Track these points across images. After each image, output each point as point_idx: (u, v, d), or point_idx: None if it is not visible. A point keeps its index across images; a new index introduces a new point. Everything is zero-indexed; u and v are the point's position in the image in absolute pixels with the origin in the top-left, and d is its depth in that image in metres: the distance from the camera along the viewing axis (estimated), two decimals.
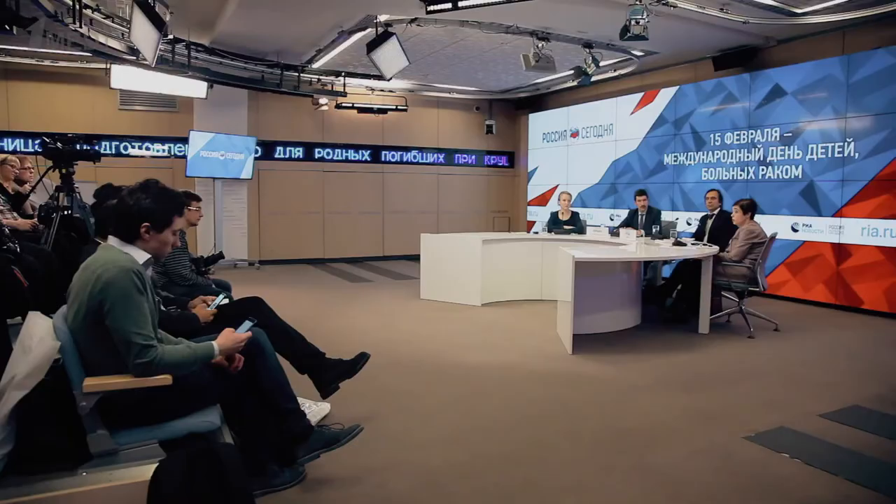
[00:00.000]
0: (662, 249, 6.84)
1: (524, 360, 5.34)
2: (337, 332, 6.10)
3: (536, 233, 9.58)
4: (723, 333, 6.35)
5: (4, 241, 3.41)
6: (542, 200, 13.21)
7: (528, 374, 4.93)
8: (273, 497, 2.80)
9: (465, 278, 7.93)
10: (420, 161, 13.80)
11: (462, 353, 5.53)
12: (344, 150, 13.01)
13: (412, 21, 8.07)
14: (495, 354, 5.52)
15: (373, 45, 8.13)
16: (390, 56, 8.26)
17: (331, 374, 3.51)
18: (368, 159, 13.28)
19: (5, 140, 10.26)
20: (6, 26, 5.40)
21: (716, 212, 7.41)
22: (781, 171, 8.46)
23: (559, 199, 9.17)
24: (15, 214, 4.76)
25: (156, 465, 2.21)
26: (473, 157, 14.37)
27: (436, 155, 13.94)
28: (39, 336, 2.24)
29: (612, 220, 11.13)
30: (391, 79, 9.18)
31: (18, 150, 10.12)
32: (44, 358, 2.21)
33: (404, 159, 13.64)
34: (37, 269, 3.58)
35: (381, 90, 12.69)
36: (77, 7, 6.81)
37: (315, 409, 3.74)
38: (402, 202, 13.61)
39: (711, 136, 9.44)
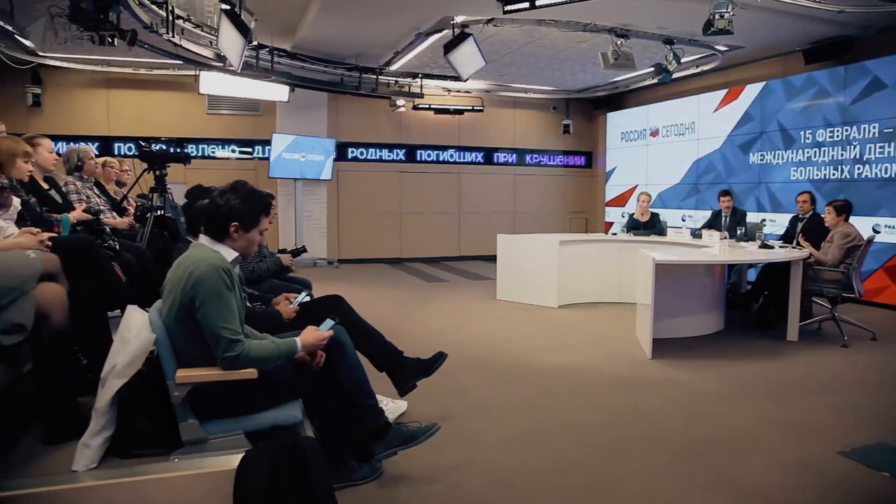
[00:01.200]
0: (749, 252, 6.57)
1: (601, 363, 5.25)
2: (414, 332, 6.17)
3: (615, 234, 9.39)
4: (813, 341, 6.03)
5: (106, 240, 3.63)
6: (621, 201, 12.93)
7: (605, 377, 4.84)
8: (351, 491, 2.85)
9: (541, 279, 7.86)
10: (496, 161, 13.79)
11: (538, 355, 5.49)
12: (421, 151, 13.16)
13: (488, 21, 8.07)
14: (572, 356, 5.45)
15: (450, 46, 8.18)
16: (467, 57, 8.29)
17: (408, 372, 3.55)
18: (445, 160, 13.37)
19: (107, 144, 10.90)
20: (108, 39, 5.73)
21: (808, 215, 7.05)
22: (880, 170, 7.97)
23: (638, 200, 8.96)
24: (114, 214, 5.04)
25: (242, 455, 2.31)
26: (550, 157, 14.23)
27: (512, 155, 13.89)
28: (137, 328, 2.38)
29: (683, 220, 10.79)
30: (468, 79, 9.21)
31: (118, 153, 10.73)
32: (141, 349, 2.35)
33: (480, 160, 13.66)
34: (133, 265, 3.79)
35: (458, 91, 12.75)
36: (170, 18, 7.18)
37: (392, 406, 3.79)
38: (478, 203, 13.63)
39: (801, 133, 8.99)
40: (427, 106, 12.51)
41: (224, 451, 2.42)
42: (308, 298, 3.79)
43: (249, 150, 12.00)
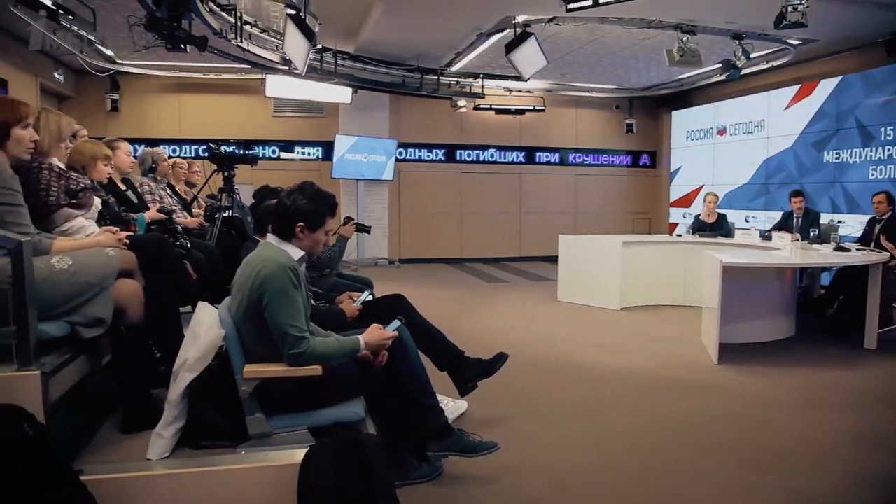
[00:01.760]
0: (822, 255, 6.31)
1: (665, 367, 5.13)
2: (474, 332, 6.17)
3: (679, 235, 9.16)
4: (893, 350, 5.73)
5: (178, 238, 3.78)
6: (686, 202, 12.59)
7: (668, 382, 4.73)
8: (410, 490, 2.88)
9: (603, 281, 7.75)
10: (557, 161, 13.66)
11: (599, 357, 5.41)
12: (481, 151, 13.17)
13: (550, 20, 7.99)
14: (634, 360, 5.35)
15: (511, 45, 8.16)
16: (528, 56, 8.25)
17: (469, 372, 3.55)
18: (506, 160, 13.33)
19: (178, 146, 11.34)
20: (181, 45, 5.95)
21: (885, 216, 6.70)
22: None
23: (704, 201, 8.71)
24: (185, 213, 5.23)
25: (306, 450, 2.37)
26: (612, 156, 13.99)
27: (574, 155, 13.73)
28: (207, 324, 2.47)
29: (747, 221, 10.41)
30: (529, 79, 9.15)
31: (188, 155, 11.14)
32: (211, 344, 2.43)
33: (542, 160, 13.56)
34: (203, 263, 3.92)
35: (519, 91, 12.67)
36: (239, 24, 7.40)
37: (452, 406, 3.81)
38: (539, 203, 13.53)
39: (882, 130, 8.55)
40: (488, 106, 12.49)
41: (289, 445, 2.49)
42: (370, 297, 3.84)
43: (313, 151, 12.26)
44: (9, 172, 2.46)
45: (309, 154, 12.26)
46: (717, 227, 8.34)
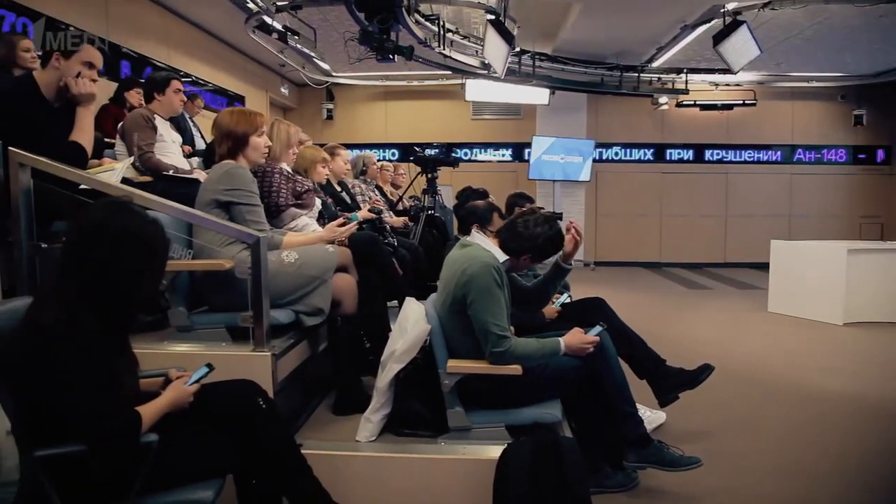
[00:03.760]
0: None
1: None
2: (675, 340, 5.83)
3: None
4: None
5: (386, 237, 4.02)
6: None
7: None
8: (604, 497, 2.78)
9: (823, 292, 6.95)
10: (769, 160, 12.54)
11: (815, 377, 4.84)
12: (684, 150, 12.49)
13: (765, 5, 7.34)
14: (857, 383, 4.70)
15: (720, 36, 7.62)
16: (739, 46, 7.66)
17: (671, 382, 3.37)
18: (710, 159, 12.52)
19: (385, 150, 12.12)
20: (390, 56, 6.35)
21: None
22: None
23: None
24: (391, 213, 5.56)
25: (503, 446, 2.40)
26: (835, 153, 12.51)
27: (788, 152, 12.51)
28: (414, 319, 2.61)
29: None
30: (738, 71, 8.49)
31: (393, 158, 11.88)
32: (417, 338, 2.57)
33: (751, 158, 12.53)
34: (408, 261, 4.14)
35: (727, 85, 11.79)
36: (442, 32, 7.73)
37: (650, 416, 3.64)
38: (747, 205, 12.48)
39: None
40: (692, 102, 11.77)
41: (486, 441, 2.55)
42: (569, 299, 3.80)
43: (507, 152, 12.45)
44: (249, 177, 2.79)
45: (503, 155, 12.48)
46: None
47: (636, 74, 10.71)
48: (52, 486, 1.61)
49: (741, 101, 11.90)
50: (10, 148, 2.48)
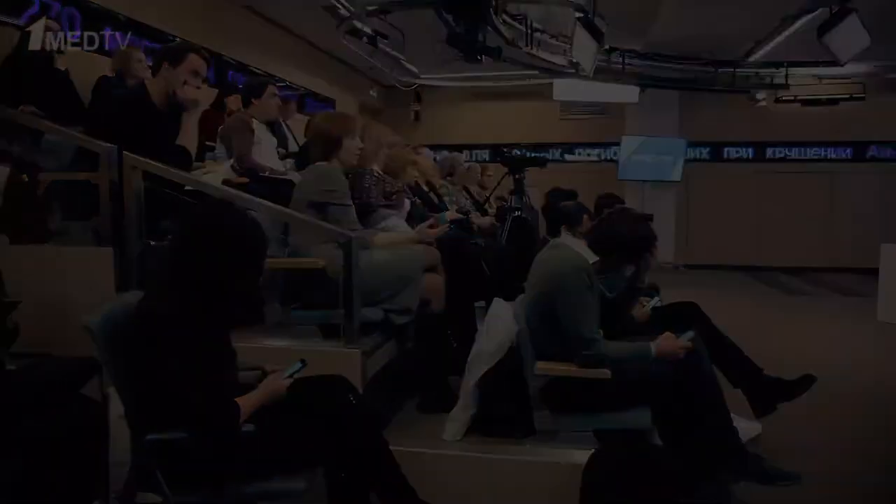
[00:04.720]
0: None
1: None
2: (773, 349, 5.45)
3: None
4: None
5: (473, 237, 4.04)
6: None
7: None
8: None
9: None
10: (883, 157, 11.70)
11: None
12: (784, 149, 11.87)
13: None
14: None
15: (825, 26, 7.16)
16: (847, 36, 7.16)
17: (768, 392, 3.22)
18: (813, 157, 11.84)
19: (471, 151, 12.16)
20: (478, 57, 6.37)
21: None
22: None
23: None
24: (478, 214, 5.58)
25: (590, 451, 2.36)
26: None
27: None
28: (502, 320, 2.61)
29: None
30: (846, 63, 7.97)
31: (480, 159, 11.88)
32: (505, 339, 2.57)
33: (860, 155, 11.75)
34: (495, 261, 4.13)
35: (832, 78, 11.10)
36: (529, 32, 7.69)
37: (744, 426, 3.46)
38: (854, 206, 11.64)
39: None
40: (793, 97, 11.17)
41: (573, 445, 2.51)
42: (660, 303, 3.69)
43: (594, 152, 12.25)
44: (343, 179, 2.87)
45: (590, 155, 12.28)
46: None
47: (732, 69, 10.26)
48: (159, 468, 1.72)
49: (848, 95, 11.17)
50: (124, 152, 2.66)
